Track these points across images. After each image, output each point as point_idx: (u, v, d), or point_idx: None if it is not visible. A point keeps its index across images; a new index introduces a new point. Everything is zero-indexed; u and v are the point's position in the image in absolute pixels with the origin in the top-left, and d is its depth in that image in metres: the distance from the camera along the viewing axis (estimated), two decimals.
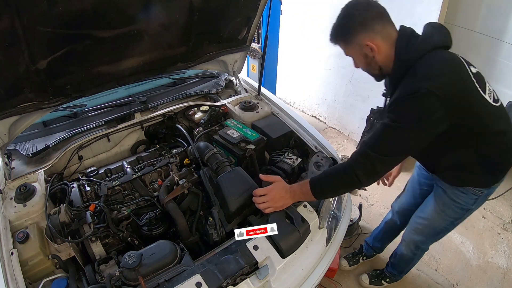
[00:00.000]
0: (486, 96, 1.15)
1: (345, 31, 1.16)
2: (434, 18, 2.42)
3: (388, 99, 1.32)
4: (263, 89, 2.00)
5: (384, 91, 1.40)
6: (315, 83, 3.67)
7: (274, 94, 2.44)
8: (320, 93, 3.67)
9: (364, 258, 2.18)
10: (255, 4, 1.63)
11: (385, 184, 1.74)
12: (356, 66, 1.26)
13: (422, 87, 1.02)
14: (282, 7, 3.16)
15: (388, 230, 1.98)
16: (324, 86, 3.57)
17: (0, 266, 1.04)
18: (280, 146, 1.70)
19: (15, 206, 1.23)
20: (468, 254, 2.31)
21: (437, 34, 1.15)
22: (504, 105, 2.51)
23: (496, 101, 1.20)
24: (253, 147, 1.58)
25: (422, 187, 1.66)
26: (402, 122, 1.06)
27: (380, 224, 2.03)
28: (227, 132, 1.68)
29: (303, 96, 3.95)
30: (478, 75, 1.15)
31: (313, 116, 3.94)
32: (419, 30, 1.18)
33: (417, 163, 1.68)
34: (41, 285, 1.04)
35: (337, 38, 1.19)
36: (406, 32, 1.15)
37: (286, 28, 3.45)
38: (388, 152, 1.10)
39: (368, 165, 1.10)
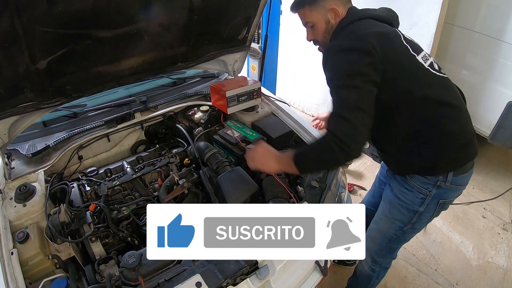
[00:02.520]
0: (420, 59, 1.14)
1: None
2: (434, 18, 2.42)
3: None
4: (263, 89, 2.00)
5: None
6: (315, 83, 3.66)
7: (274, 94, 2.44)
8: (320, 93, 3.67)
9: (335, 261, 2.09)
10: (255, 4, 1.63)
11: None
12: (311, 36, 1.27)
13: (343, 42, 1.09)
14: (282, 7, 3.16)
15: None
16: (324, 86, 3.52)
17: (0, 266, 1.04)
18: (280, 146, 1.70)
19: (15, 206, 1.23)
20: (468, 254, 2.31)
21: (382, 10, 1.23)
22: (504, 105, 2.54)
23: (438, 71, 1.17)
24: (253, 147, 1.58)
25: (381, 186, 1.59)
26: (335, 81, 1.09)
27: None
28: (227, 132, 1.68)
29: (303, 96, 3.95)
30: (411, 42, 1.18)
31: (313, 116, 3.94)
32: (419, 30, 1.18)
33: (382, 163, 1.62)
34: (41, 285, 1.04)
35: (304, 2, 1.20)
36: (355, 9, 1.22)
37: (286, 28, 3.45)
38: (347, 107, 1.05)
39: (342, 123, 1.03)
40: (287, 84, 4.01)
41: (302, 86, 3.87)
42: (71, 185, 1.41)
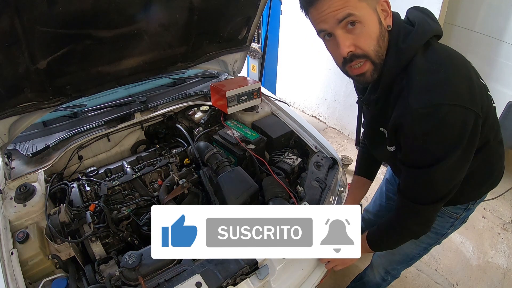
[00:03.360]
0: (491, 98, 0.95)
1: None
2: None
3: (372, 105, 0.98)
4: (263, 89, 2.00)
5: (360, 96, 1.05)
6: (315, 83, 3.67)
7: (274, 94, 2.44)
8: (320, 93, 3.67)
9: None
10: (255, 4, 1.63)
11: None
12: (350, 46, 0.79)
13: (442, 101, 0.75)
14: (282, 7, 3.16)
15: None
16: (324, 86, 3.57)
17: (0, 266, 1.04)
18: (280, 146, 1.70)
19: (15, 206, 1.23)
20: (468, 254, 2.31)
21: (431, 20, 0.88)
22: (504, 105, 2.53)
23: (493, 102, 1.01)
24: (253, 147, 1.59)
25: (390, 202, 1.52)
26: (436, 160, 0.80)
27: None
28: (227, 132, 1.68)
29: (303, 96, 3.95)
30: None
31: (313, 116, 3.94)
32: None
33: (387, 177, 1.52)
34: (41, 285, 1.04)
35: None
36: (395, 13, 0.86)
37: (286, 28, 3.45)
38: (434, 198, 0.89)
39: (418, 219, 0.96)
40: (287, 84, 4.02)
41: (302, 86, 3.88)
42: (71, 185, 1.41)
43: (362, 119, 1.16)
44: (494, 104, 0.97)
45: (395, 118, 0.83)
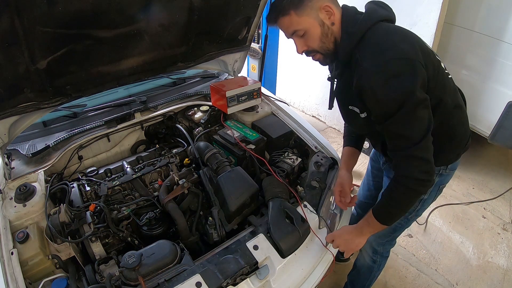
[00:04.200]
0: (442, 64, 1.10)
1: None
2: (434, 18, 2.43)
3: (336, 81, 1.21)
4: (263, 89, 2.00)
5: (329, 75, 1.26)
6: (315, 83, 3.67)
7: (274, 94, 2.44)
8: (320, 93, 3.67)
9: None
10: (255, 4, 1.63)
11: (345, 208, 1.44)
12: (303, 46, 1.09)
13: (390, 58, 0.93)
14: None
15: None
16: (324, 86, 3.56)
17: (0, 266, 1.04)
18: (280, 146, 1.70)
19: (15, 206, 1.23)
20: (468, 254, 2.31)
21: (381, 9, 1.08)
22: (504, 105, 2.54)
23: (448, 73, 1.15)
24: (253, 147, 1.59)
25: (375, 179, 1.62)
26: (397, 109, 0.95)
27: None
28: (227, 132, 1.68)
29: (303, 96, 3.95)
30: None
31: (313, 116, 3.94)
32: (419, 30, 1.16)
33: (371, 155, 1.65)
34: (41, 285, 1.04)
35: (286, 8, 1.02)
36: (349, 8, 1.09)
37: None
38: (415, 137, 0.97)
39: (413, 161, 1.00)
40: (287, 84, 4.02)
41: (302, 86, 3.88)
42: (71, 185, 1.41)
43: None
44: (449, 76, 1.14)
45: (356, 83, 1.01)
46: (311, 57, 1.14)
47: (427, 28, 2.48)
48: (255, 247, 1.17)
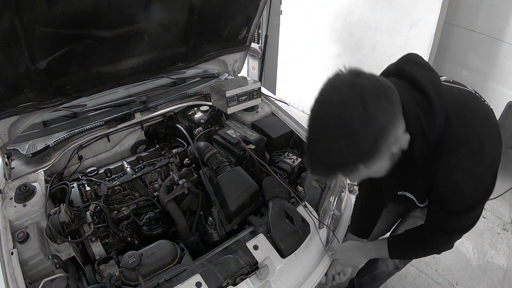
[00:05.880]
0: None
1: (371, 144, 0.70)
2: (434, 18, 2.42)
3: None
4: (263, 89, 2.00)
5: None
6: (315, 83, 3.64)
7: (274, 94, 2.44)
8: None
9: None
10: (255, 4, 1.63)
11: None
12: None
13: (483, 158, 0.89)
14: (282, 7, 3.16)
15: None
16: None
17: (0, 266, 1.04)
18: (280, 146, 1.70)
19: (15, 206, 1.23)
20: (468, 254, 2.31)
21: (426, 70, 0.87)
22: (504, 105, 2.53)
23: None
24: (253, 147, 1.59)
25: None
26: (473, 206, 0.92)
27: None
28: (227, 132, 1.68)
29: (303, 96, 3.95)
30: None
31: None
32: (419, 30, 1.10)
33: None
34: (41, 285, 1.04)
35: (357, 159, 0.73)
36: (406, 87, 0.83)
37: (286, 28, 3.45)
38: (468, 228, 1.00)
39: (449, 243, 1.06)
40: (287, 84, 4.01)
41: (302, 86, 3.87)
42: (71, 185, 1.41)
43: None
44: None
45: (439, 191, 0.91)
46: None
47: (427, 28, 2.47)
48: (255, 247, 1.17)
